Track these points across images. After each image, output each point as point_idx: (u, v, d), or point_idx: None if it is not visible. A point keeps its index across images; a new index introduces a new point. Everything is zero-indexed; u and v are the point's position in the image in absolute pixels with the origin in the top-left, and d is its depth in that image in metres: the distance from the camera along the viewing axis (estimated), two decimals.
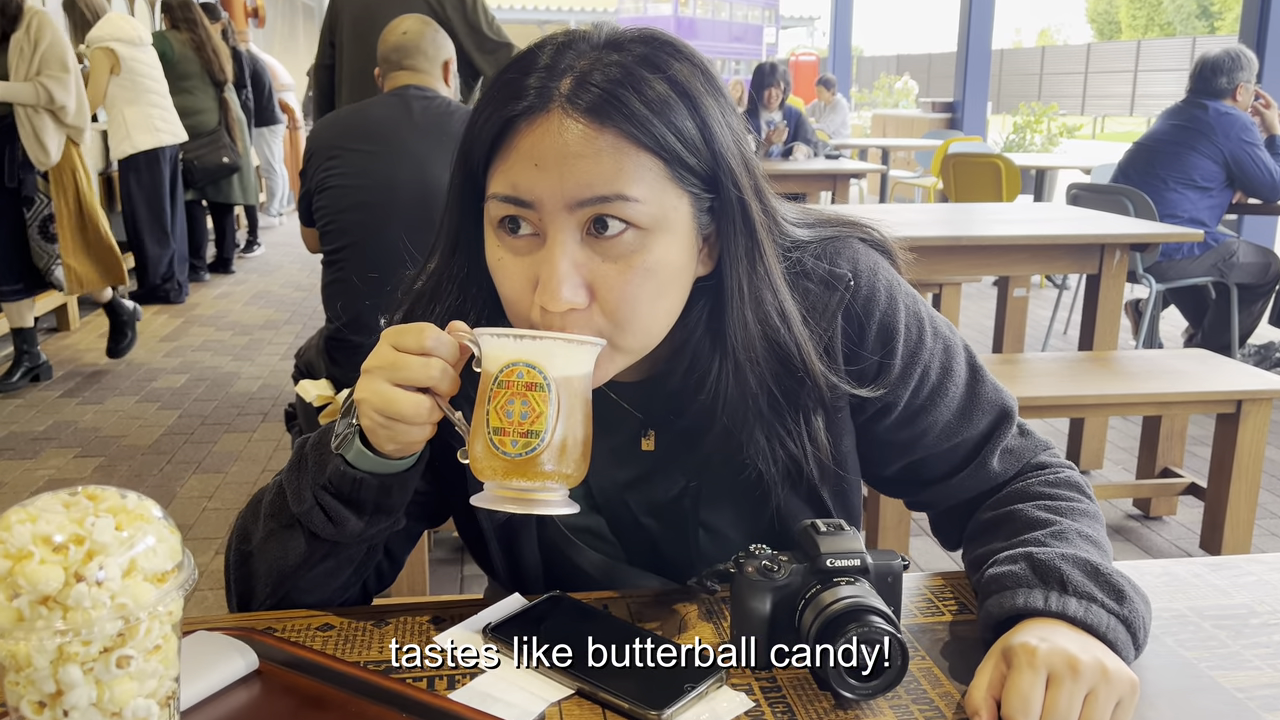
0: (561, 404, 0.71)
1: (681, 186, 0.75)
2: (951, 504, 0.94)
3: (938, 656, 0.79)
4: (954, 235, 2.95)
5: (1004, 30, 77.16)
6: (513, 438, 0.70)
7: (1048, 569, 0.77)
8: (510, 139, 0.74)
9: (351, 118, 2.38)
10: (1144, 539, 2.88)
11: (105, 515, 0.55)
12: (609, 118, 0.72)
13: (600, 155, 0.72)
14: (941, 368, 0.89)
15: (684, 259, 0.78)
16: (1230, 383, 2.46)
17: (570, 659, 0.75)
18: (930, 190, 7.90)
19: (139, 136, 5.12)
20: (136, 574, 0.55)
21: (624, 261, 0.74)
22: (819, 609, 0.74)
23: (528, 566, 0.93)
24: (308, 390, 2.51)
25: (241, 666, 0.74)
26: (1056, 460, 0.93)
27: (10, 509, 0.55)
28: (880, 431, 0.91)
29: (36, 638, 0.53)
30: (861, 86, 22.19)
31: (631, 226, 0.74)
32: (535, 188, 0.73)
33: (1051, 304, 5.28)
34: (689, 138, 0.74)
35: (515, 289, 0.76)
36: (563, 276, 0.73)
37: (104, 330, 5.01)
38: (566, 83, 0.73)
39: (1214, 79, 3.90)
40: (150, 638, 0.56)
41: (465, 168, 0.79)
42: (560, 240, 0.73)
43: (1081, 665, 0.68)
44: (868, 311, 0.86)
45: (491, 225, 0.77)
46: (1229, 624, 0.84)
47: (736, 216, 0.78)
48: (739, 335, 0.80)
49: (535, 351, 0.71)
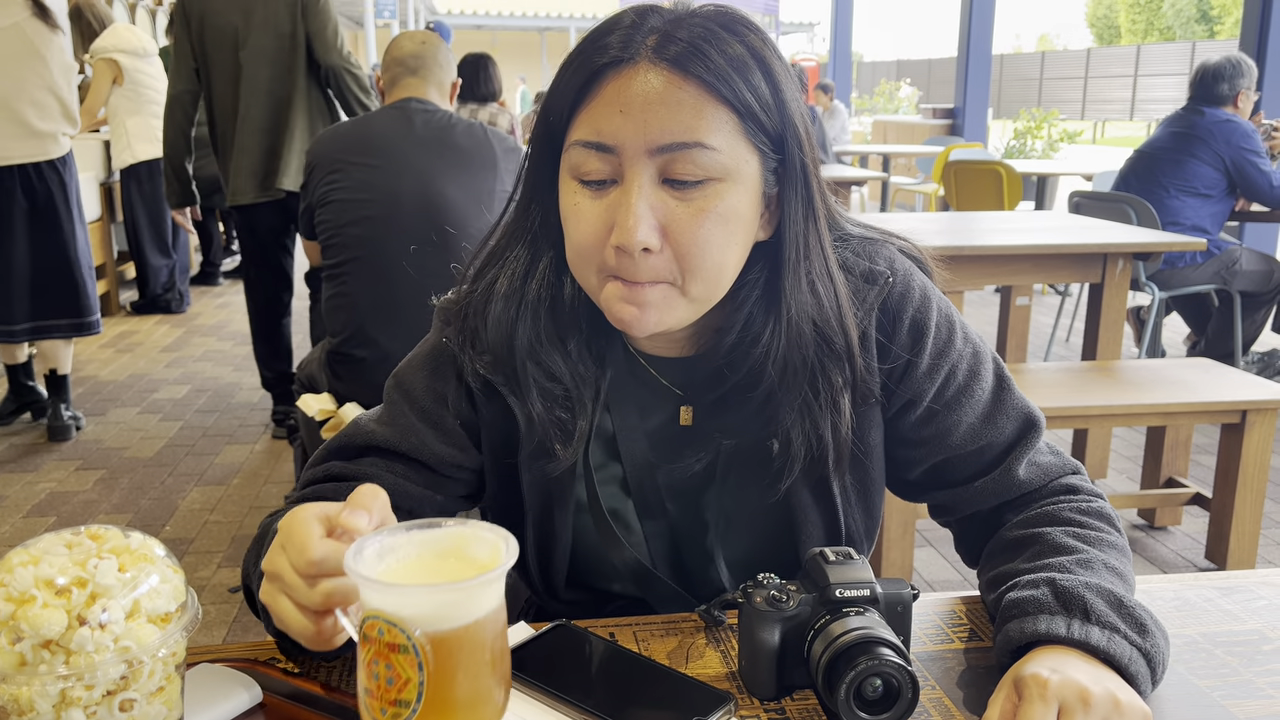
0: (434, 668, 0.55)
1: (752, 143, 0.79)
2: (975, 510, 0.94)
3: (949, 686, 0.78)
4: (956, 245, 2.94)
5: (1004, 35, 77.34)
6: (381, 704, 0.56)
7: (1071, 596, 0.76)
8: (596, 89, 0.78)
9: (353, 131, 2.39)
10: (1149, 549, 2.87)
11: (108, 556, 0.55)
12: (691, 70, 0.76)
13: (682, 104, 0.76)
14: (969, 370, 0.92)
15: (751, 213, 0.81)
16: (1235, 393, 2.46)
17: (578, 689, 0.74)
18: (932, 197, 7.90)
19: (140, 146, 5.13)
20: (140, 616, 0.54)
21: (697, 205, 0.78)
22: (828, 640, 0.73)
23: (557, 563, 0.94)
24: (309, 404, 2.51)
25: (245, 699, 0.73)
26: (1087, 486, 0.93)
27: (13, 550, 0.55)
28: (906, 429, 0.92)
29: (39, 683, 0.52)
30: (862, 92, 22.21)
31: (707, 175, 0.77)
32: (619, 132, 0.77)
33: (1054, 311, 5.27)
34: (763, 97, 0.79)
35: (588, 233, 0.79)
36: (640, 216, 0.76)
37: (105, 340, 5.02)
38: (653, 39, 0.78)
39: (1215, 86, 3.90)
40: (153, 680, 0.56)
41: (546, 123, 0.82)
42: (639, 183, 0.77)
43: (1093, 698, 0.68)
44: (901, 308, 0.89)
45: (570, 174, 0.81)
46: (1241, 650, 0.83)
47: (799, 180, 0.82)
48: (794, 297, 0.83)
49: (396, 604, 0.55)
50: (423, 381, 0.92)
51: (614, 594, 0.97)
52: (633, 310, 0.80)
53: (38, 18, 3.32)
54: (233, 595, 2.53)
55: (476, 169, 2.29)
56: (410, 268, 2.21)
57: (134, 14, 7.52)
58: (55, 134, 3.41)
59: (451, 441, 0.92)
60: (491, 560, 0.59)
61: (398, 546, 0.60)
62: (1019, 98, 25.84)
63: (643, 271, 0.78)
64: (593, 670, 0.78)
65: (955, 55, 9.62)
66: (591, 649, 0.81)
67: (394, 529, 0.61)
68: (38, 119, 3.35)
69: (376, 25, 14.12)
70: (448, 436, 0.91)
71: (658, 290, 0.80)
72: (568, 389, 0.88)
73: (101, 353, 4.82)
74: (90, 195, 5.26)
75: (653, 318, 0.80)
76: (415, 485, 0.91)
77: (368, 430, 0.92)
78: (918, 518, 2.46)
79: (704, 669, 0.80)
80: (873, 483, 0.94)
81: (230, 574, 2.65)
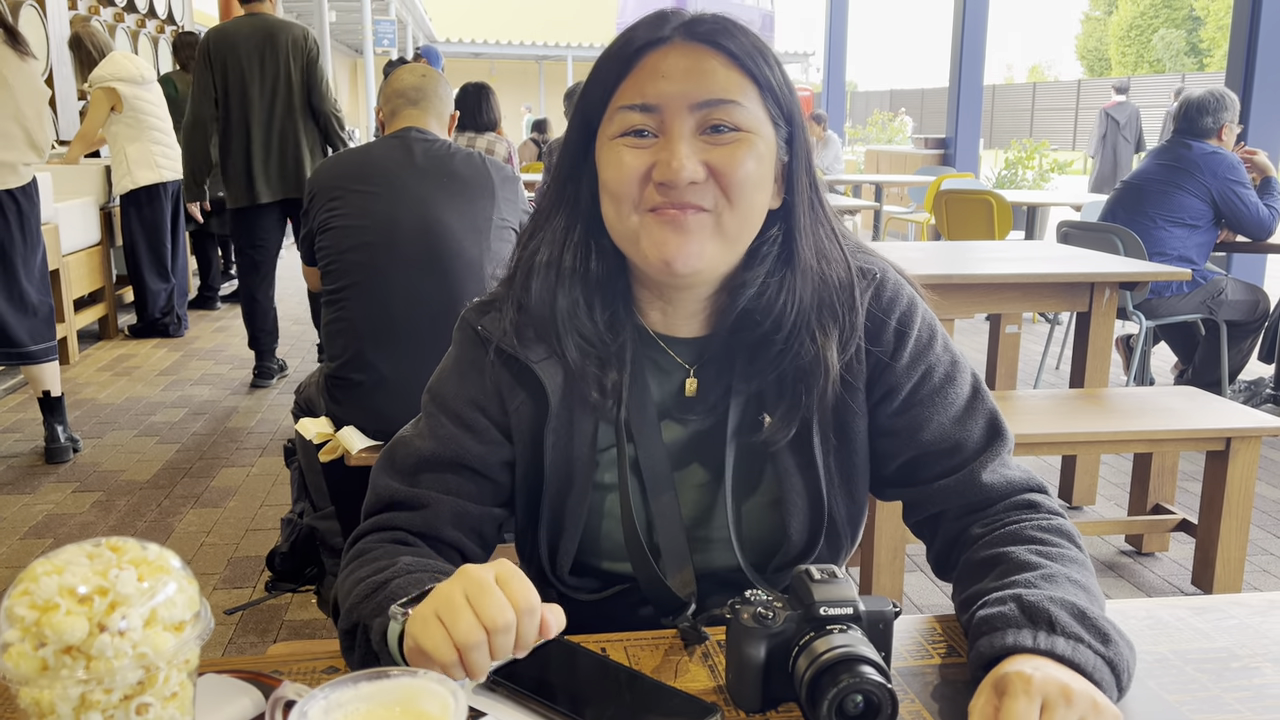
0: None
1: (770, 114, 0.91)
2: (940, 509, 0.99)
3: (927, 699, 0.81)
4: (946, 273, 2.99)
5: (996, 66, 78.09)
6: None
7: (1036, 610, 0.79)
8: (635, 65, 0.89)
9: (353, 159, 2.43)
10: (1136, 575, 2.90)
11: (128, 567, 0.58)
12: (720, 44, 0.89)
13: (716, 70, 0.88)
14: (945, 374, 0.99)
15: (771, 171, 0.92)
16: (1219, 420, 2.50)
17: (568, 700, 0.77)
18: (923, 226, 7.98)
19: (140, 172, 5.18)
20: (157, 624, 0.57)
21: (734, 147, 0.88)
22: (812, 656, 0.76)
23: (566, 543, 0.99)
24: (308, 428, 2.54)
25: (249, 707, 0.76)
26: (1048, 504, 0.97)
27: (37, 560, 0.58)
28: (883, 419, 0.99)
29: (60, 686, 0.55)
30: (855, 122, 22.43)
31: (740, 125, 0.88)
32: (661, 94, 0.87)
33: (1044, 339, 5.32)
34: (778, 78, 0.91)
35: (630, 174, 0.88)
36: (685, 155, 0.86)
37: (103, 364, 5.04)
38: (682, 25, 0.90)
39: (1199, 119, 3.97)
40: (168, 685, 0.58)
41: (585, 103, 0.93)
42: (681, 132, 0.87)
43: (1074, 694, 0.70)
44: (889, 310, 0.98)
45: (613, 136, 0.90)
46: (1210, 667, 0.86)
47: (804, 156, 0.94)
48: (807, 250, 0.94)
49: None
50: (453, 389, 1.00)
51: (615, 575, 1.01)
52: (675, 238, 0.88)
53: (7, 45, 3.30)
54: (229, 617, 2.54)
55: (474, 196, 2.34)
56: (408, 293, 2.25)
57: (136, 41, 7.59)
58: (15, 164, 3.38)
59: (487, 440, 0.99)
60: (441, 716, 0.60)
61: (345, 702, 0.60)
62: (1011, 128, 26.10)
63: (689, 195, 0.87)
64: (583, 682, 0.80)
65: (947, 86, 9.74)
66: (582, 662, 0.84)
67: (340, 682, 0.61)
68: (2, 150, 3.32)
69: (376, 53, 14.26)
70: (482, 437, 0.99)
71: (697, 218, 0.89)
72: (600, 355, 0.96)
73: (99, 376, 4.85)
74: (90, 220, 5.31)
75: (693, 248, 0.89)
76: (471, 502, 0.98)
77: (414, 448, 0.99)
78: (907, 543, 2.49)
79: (692, 683, 0.83)
80: (856, 470, 1.01)
81: (226, 596, 2.67)
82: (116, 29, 7.18)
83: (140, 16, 7.81)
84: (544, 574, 1.02)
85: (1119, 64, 39.85)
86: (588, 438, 0.98)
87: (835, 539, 1.01)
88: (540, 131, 8.59)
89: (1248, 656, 0.88)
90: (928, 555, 1.04)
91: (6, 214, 3.40)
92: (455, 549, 0.99)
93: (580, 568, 1.02)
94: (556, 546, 1.00)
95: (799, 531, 0.99)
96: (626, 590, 1.00)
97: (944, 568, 1.00)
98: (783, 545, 0.99)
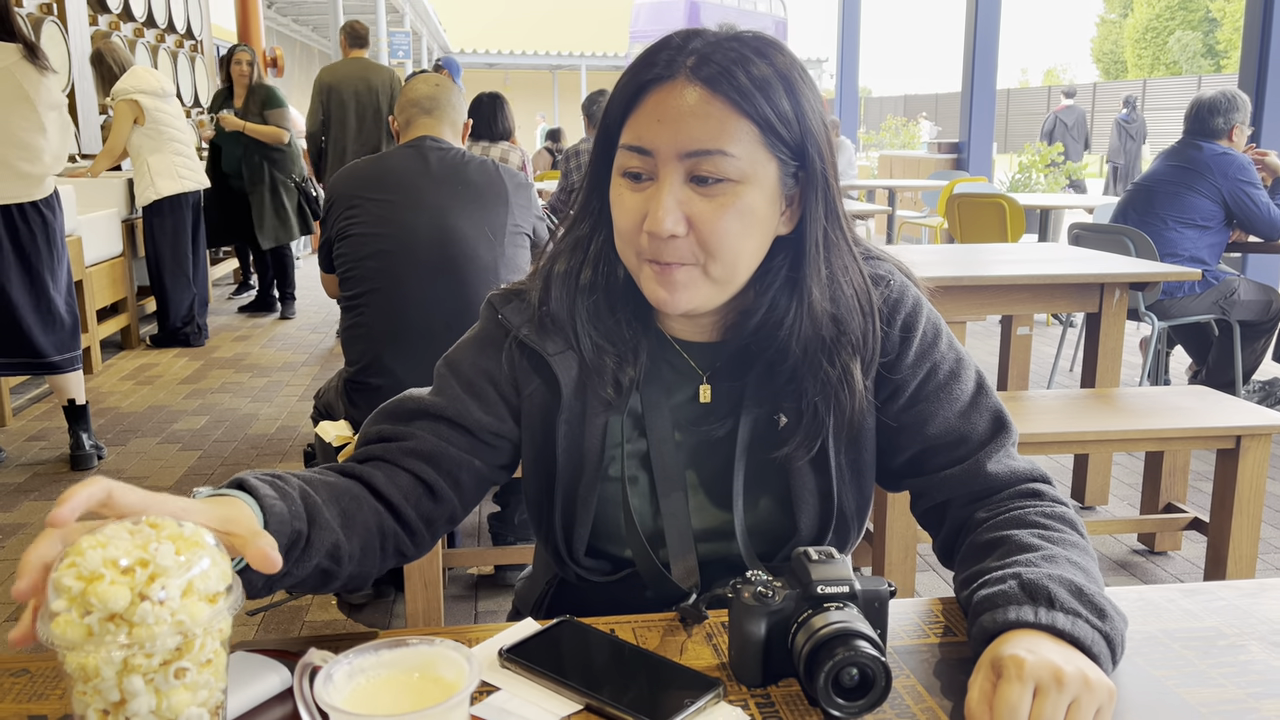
0: None
1: (771, 151, 0.92)
2: (947, 497, 1.02)
3: (924, 675, 0.85)
4: (957, 275, 3.01)
5: (1011, 70, 77.79)
6: None
7: (1036, 587, 0.83)
8: (641, 100, 0.93)
9: (370, 168, 2.48)
10: (1149, 574, 2.91)
11: (166, 542, 0.62)
12: (720, 88, 0.90)
13: (709, 117, 0.89)
14: (950, 371, 1.03)
15: (767, 211, 0.94)
16: (1230, 419, 2.51)
17: (578, 675, 0.81)
18: (937, 230, 7.99)
19: (163, 182, 5.27)
20: (193, 594, 0.62)
21: (718, 201, 0.91)
22: (810, 632, 0.80)
23: (579, 529, 1.03)
24: (327, 431, 2.59)
25: (277, 683, 0.81)
26: (1051, 493, 1.00)
27: (83, 536, 0.62)
28: (890, 415, 1.04)
29: (105, 651, 0.60)
30: (869, 127, 22.42)
31: (725, 176, 0.90)
32: (656, 139, 0.91)
33: (1057, 340, 5.32)
34: (783, 112, 0.91)
35: (629, 221, 0.94)
36: (668, 209, 0.90)
37: (126, 373, 5.13)
38: (692, 59, 0.91)
39: (1210, 120, 3.98)
40: (204, 652, 0.63)
41: (604, 126, 0.97)
42: (670, 182, 0.91)
43: (1066, 676, 0.74)
44: (895, 311, 1.02)
45: (618, 171, 0.95)
46: (1197, 645, 0.89)
47: (819, 182, 0.95)
48: (814, 283, 0.96)
49: None
50: (469, 358, 1.05)
51: (626, 560, 1.05)
52: (664, 291, 0.93)
53: (27, 60, 3.37)
54: (251, 618, 2.59)
55: (489, 203, 2.39)
56: (425, 299, 2.30)
57: (155, 56, 7.72)
58: (41, 176, 3.46)
59: (492, 412, 1.03)
60: (457, 681, 0.65)
61: (367, 668, 0.66)
62: (1025, 132, 26.01)
63: (669, 253, 0.91)
64: (593, 659, 0.84)
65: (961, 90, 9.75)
66: (592, 641, 0.88)
67: (363, 649, 0.66)
68: (24, 162, 3.40)
69: (391, 64, 14.41)
70: (489, 407, 1.03)
71: (684, 272, 0.93)
72: (617, 353, 1.01)
73: (122, 385, 4.93)
74: (113, 232, 5.40)
75: (683, 297, 0.94)
76: (458, 450, 1.01)
77: (418, 398, 1.04)
78: (919, 542, 2.52)
79: (696, 659, 0.86)
80: (865, 465, 1.05)
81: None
82: (136, 44, 7.29)
83: (160, 31, 7.94)
84: (560, 555, 1.06)
85: (1135, 66, 39.65)
86: (599, 430, 1.02)
87: (844, 531, 1.05)
88: (554, 140, 8.67)
89: (1234, 635, 0.91)
90: (933, 545, 1.07)
91: (32, 226, 3.48)
92: (424, 484, 0.99)
93: (594, 551, 1.06)
94: (571, 532, 1.04)
95: (809, 527, 1.02)
96: (636, 574, 1.04)
97: (949, 555, 1.04)
98: (791, 539, 1.03)
